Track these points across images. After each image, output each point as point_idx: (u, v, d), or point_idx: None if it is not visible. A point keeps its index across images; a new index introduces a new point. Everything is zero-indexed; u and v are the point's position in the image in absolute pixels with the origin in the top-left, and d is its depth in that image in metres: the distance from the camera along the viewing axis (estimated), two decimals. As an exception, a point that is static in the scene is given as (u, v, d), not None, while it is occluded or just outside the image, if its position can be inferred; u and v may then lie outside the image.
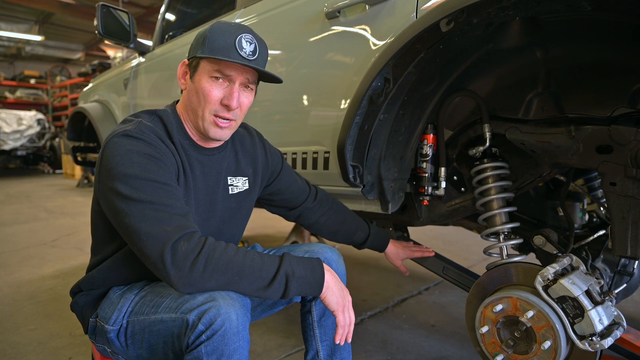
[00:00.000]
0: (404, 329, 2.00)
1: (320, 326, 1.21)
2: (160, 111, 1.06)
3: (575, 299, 0.91)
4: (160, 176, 0.91)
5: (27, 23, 12.04)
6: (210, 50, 0.96)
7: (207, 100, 1.00)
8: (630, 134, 1.05)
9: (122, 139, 0.93)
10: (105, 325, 1.00)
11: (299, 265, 0.96)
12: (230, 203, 1.16)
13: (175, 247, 0.84)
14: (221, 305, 0.86)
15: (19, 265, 3.03)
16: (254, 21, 1.68)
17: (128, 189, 0.88)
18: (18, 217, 4.85)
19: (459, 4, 1.00)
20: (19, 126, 9.31)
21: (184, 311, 0.88)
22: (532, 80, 1.21)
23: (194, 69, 1.02)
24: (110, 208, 0.91)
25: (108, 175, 0.91)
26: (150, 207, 0.87)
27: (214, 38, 0.98)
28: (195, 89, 1.01)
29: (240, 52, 0.98)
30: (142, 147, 0.93)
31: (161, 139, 0.98)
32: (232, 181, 1.16)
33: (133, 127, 0.96)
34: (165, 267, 0.84)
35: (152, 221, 0.86)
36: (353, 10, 1.29)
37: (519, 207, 1.66)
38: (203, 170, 1.08)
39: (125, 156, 0.90)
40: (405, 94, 1.25)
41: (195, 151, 1.07)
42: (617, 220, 1.08)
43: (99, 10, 2.18)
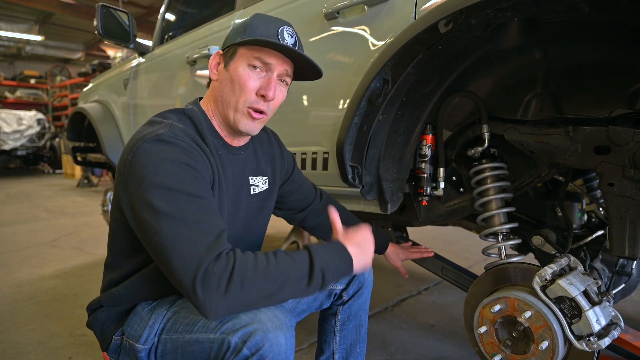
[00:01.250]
0: (403, 329, 2.00)
1: (342, 330, 1.19)
2: (188, 110, 0.99)
3: (573, 300, 0.92)
4: (194, 188, 0.83)
5: (27, 23, 12.04)
6: (252, 34, 0.93)
7: (242, 90, 0.95)
8: (628, 135, 1.05)
9: (155, 145, 0.84)
10: (135, 344, 0.93)
11: (327, 254, 0.88)
12: (253, 203, 1.11)
13: (207, 272, 0.75)
14: (269, 328, 0.79)
15: (19, 265, 3.04)
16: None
17: (161, 202, 0.79)
18: (18, 217, 4.85)
19: (457, 5, 1.00)
20: (19, 126, 9.32)
21: (226, 332, 0.81)
22: (530, 81, 1.21)
23: (229, 57, 0.98)
24: (139, 222, 0.83)
25: (138, 186, 0.82)
26: (182, 223, 0.79)
27: (256, 26, 0.94)
28: (231, 78, 0.96)
29: (282, 42, 0.94)
30: (178, 155, 0.84)
31: (195, 142, 0.91)
32: (253, 181, 1.11)
33: (166, 131, 0.88)
34: (198, 298, 0.75)
35: (185, 241, 0.78)
36: (352, 11, 1.29)
37: (518, 207, 1.67)
38: (232, 170, 1.03)
39: (159, 165, 0.82)
40: (404, 95, 1.25)
41: (226, 151, 1.02)
42: (615, 221, 1.08)
43: (99, 10, 2.18)
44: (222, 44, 1.03)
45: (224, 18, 1.90)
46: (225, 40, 1.01)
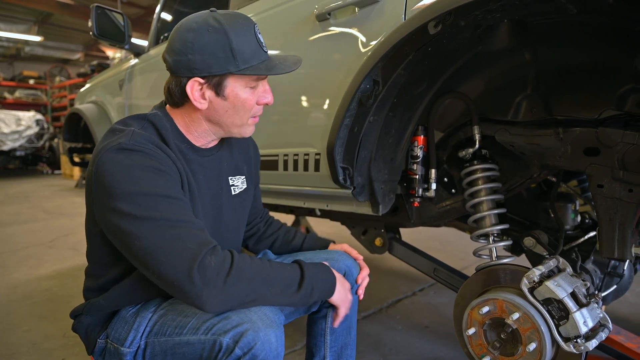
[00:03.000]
0: (397, 330, 2.00)
1: (332, 333, 1.19)
2: (151, 115, 0.96)
3: (560, 301, 0.92)
4: (169, 190, 0.84)
5: (26, 23, 12.04)
6: (244, 61, 0.90)
7: (247, 110, 0.97)
8: (617, 136, 1.05)
9: (117, 154, 0.83)
10: (120, 347, 0.92)
11: (315, 269, 0.95)
12: (235, 204, 1.11)
13: (204, 263, 0.77)
14: (259, 326, 0.80)
15: (16, 266, 3.04)
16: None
17: (135, 207, 0.79)
18: (17, 217, 4.85)
19: (446, 6, 1.00)
20: (18, 127, 9.30)
21: (217, 332, 0.81)
22: (521, 82, 1.21)
23: (218, 85, 0.92)
24: (116, 233, 0.82)
25: (108, 196, 0.81)
26: (165, 224, 0.79)
27: (241, 47, 0.90)
28: (232, 105, 0.95)
29: (263, 49, 0.95)
30: (143, 160, 0.84)
31: (159, 147, 0.89)
32: (233, 181, 1.11)
33: (127, 139, 0.86)
34: (196, 288, 0.76)
35: (171, 240, 0.79)
36: (343, 13, 1.29)
37: (512, 208, 1.67)
38: (205, 173, 1.02)
39: (126, 173, 0.81)
40: (394, 96, 1.25)
41: (194, 154, 1.00)
42: (605, 222, 1.09)
43: (94, 11, 2.18)
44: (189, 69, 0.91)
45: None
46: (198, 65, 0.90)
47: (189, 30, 0.90)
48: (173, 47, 0.91)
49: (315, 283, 0.92)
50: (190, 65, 0.90)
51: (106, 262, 0.97)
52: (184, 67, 0.91)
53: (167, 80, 0.97)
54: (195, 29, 0.89)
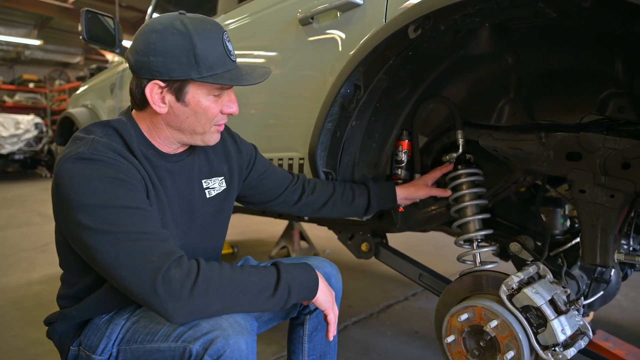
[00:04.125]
0: (387, 336, 1.99)
1: (310, 340, 1.17)
2: (115, 122, 0.93)
3: (539, 309, 0.90)
4: (130, 200, 0.82)
5: (26, 27, 12.08)
6: (208, 68, 0.88)
7: (209, 117, 0.94)
8: (598, 141, 1.04)
9: (76, 164, 0.81)
10: (91, 355, 0.91)
11: (294, 270, 0.92)
12: (210, 207, 1.08)
13: (167, 276, 0.76)
14: (229, 334, 0.79)
15: (8, 270, 3.03)
16: (234, 26, 1.67)
17: (94, 220, 0.78)
18: (12, 221, 4.84)
19: (425, 9, 0.99)
20: (17, 130, 9.32)
21: (187, 340, 0.80)
22: (503, 87, 1.20)
23: (179, 90, 0.89)
24: (79, 245, 0.82)
25: (69, 208, 0.80)
26: (126, 237, 0.78)
27: (205, 53, 0.87)
28: (193, 111, 0.92)
29: (231, 57, 0.92)
30: (103, 170, 0.82)
31: (121, 155, 0.87)
32: (207, 184, 1.07)
33: (86, 148, 0.83)
34: (161, 301, 0.75)
35: (132, 254, 0.77)
36: (326, 17, 1.29)
37: (502, 213, 1.65)
38: (173, 179, 0.99)
39: (83, 184, 0.79)
40: (377, 101, 1.24)
41: (161, 160, 0.97)
42: (587, 228, 1.07)
43: (84, 15, 2.18)
44: (149, 71, 0.88)
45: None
46: (159, 68, 0.87)
47: (153, 31, 0.87)
48: (136, 46, 0.89)
49: (293, 285, 0.89)
50: (152, 67, 0.87)
51: (77, 271, 0.96)
52: (145, 69, 0.88)
53: (130, 80, 0.95)
54: (160, 30, 0.87)
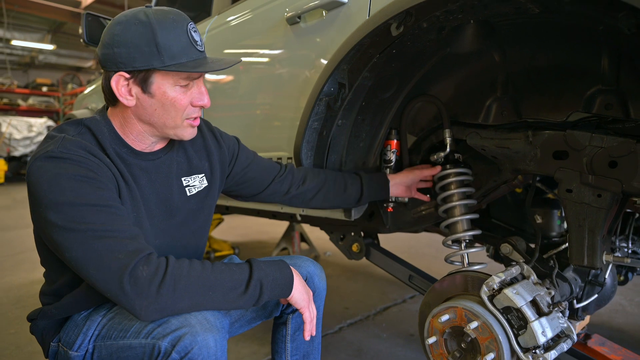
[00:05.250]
0: (381, 338, 1.97)
1: (293, 340, 1.16)
2: (88, 120, 0.93)
3: (519, 310, 0.88)
4: (98, 198, 0.82)
5: (40, 32, 12.31)
6: (171, 57, 0.86)
7: (178, 109, 0.92)
8: (585, 140, 1.02)
9: (45, 163, 0.81)
10: (68, 351, 0.92)
11: (268, 268, 0.91)
12: (191, 205, 1.06)
13: (134, 274, 0.76)
14: (197, 331, 0.79)
15: (12, 270, 3.07)
16: (226, 27, 1.68)
17: (62, 218, 0.78)
18: (20, 221, 4.92)
19: (404, 4, 0.98)
20: (29, 133, 9.50)
21: (156, 336, 0.81)
22: (491, 85, 1.18)
23: (144, 81, 0.88)
24: (50, 242, 0.83)
25: (39, 206, 0.81)
26: (93, 235, 0.78)
27: (168, 42, 0.86)
28: (160, 102, 0.90)
29: (197, 47, 0.91)
30: (71, 168, 0.82)
31: (91, 153, 0.86)
32: (187, 182, 1.06)
33: (56, 146, 0.83)
34: (128, 299, 0.76)
35: (100, 251, 0.77)
36: (312, 16, 1.28)
37: (497, 213, 1.63)
38: (149, 177, 0.98)
39: (52, 182, 0.80)
40: (363, 99, 1.23)
41: (135, 158, 0.96)
42: (574, 229, 1.05)
43: (84, 18, 2.19)
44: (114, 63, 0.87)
45: (201, 23, 1.91)
46: (122, 59, 0.86)
47: (117, 23, 0.88)
48: (102, 40, 0.89)
49: (265, 282, 0.88)
50: (116, 58, 0.87)
51: (56, 269, 0.96)
52: (110, 61, 0.87)
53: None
54: (123, 22, 0.87)
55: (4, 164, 9.35)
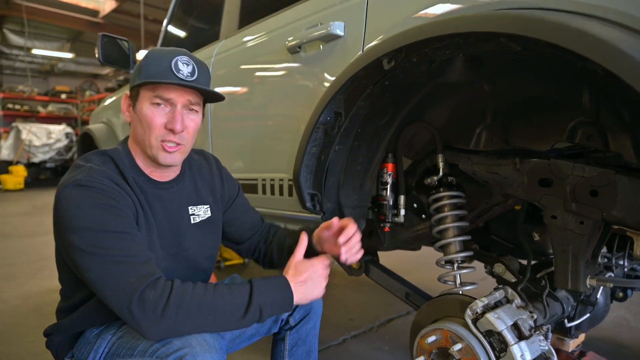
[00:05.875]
0: (384, 351, 2.01)
1: (291, 355, 1.22)
2: (111, 151, 1.04)
3: (500, 333, 0.93)
4: (117, 225, 0.91)
5: (59, 41, 12.66)
6: (146, 76, 0.97)
7: (150, 127, 0.99)
8: (567, 169, 1.06)
9: (73, 190, 0.91)
10: None
11: (268, 289, 0.95)
12: (196, 232, 1.15)
13: (142, 297, 0.84)
14: (197, 351, 0.86)
15: (30, 278, 3.19)
16: (233, 51, 1.76)
17: (84, 242, 0.87)
18: (38, 229, 5.08)
19: (395, 44, 1.04)
20: (48, 140, 9.76)
21: (160, 356, 0.88)
22: (481, 113, 1.23)
23: (135, 99, 1.02)
24: (72, 263, 0.92)
25: (65, 229, 0.90)
26: (111, 260, 0.87)
27: (149, 65, 0.98)
28: (139, 118, 1.01)
29: (177, 74, 0.97)
30: (95, 197, 0.91)
31: (115, 182, 0.96)
32: (193, 210, 1.15)
33: (82, 176, 0.93)
34: (135, 320, 0.84)
35: (115, 275, 0.86)
36: (311, 47, 1.35)
37: (497, 230, 1.67)
38: (163, 204, 1.07)
39: (78, 209, 0.89)
40: (359, 126, 1.30)
41: (151, 187, 1.06)
42: (558, 253, 1.09)
43: (100, 39, 2.32)
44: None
45: (210, 47, 2.00)
46: (130, 83, 1.07)
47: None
48: None
49: (264, 306, 0.93)
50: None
51: (72, 285, 1.05)
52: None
53: None
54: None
55: (24, 170, 9.63)
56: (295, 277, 1.00)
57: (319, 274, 1.03)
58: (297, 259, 1.05)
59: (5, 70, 13.66)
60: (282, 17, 1.55)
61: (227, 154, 1.75)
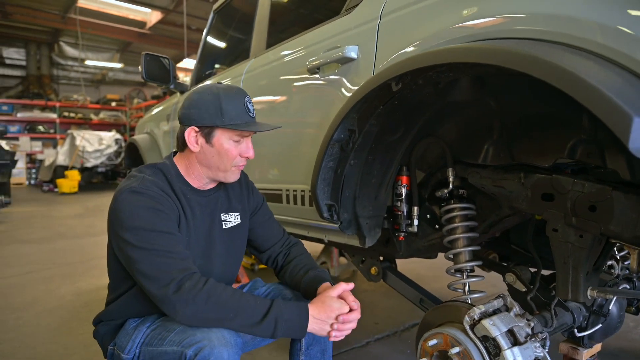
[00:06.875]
0: (405, 354, 2.08)
1: (307, 354, 1.33)
2: (161, 164, 1.23)
3: (494, 339, 1.00)
4: (163, 226, 1.08)
5: (110, 52, 13.42)
6: (230, 119, 1.15)
7: (230, 159, 1.20)
8: (568, 184, 1.11)
9: (129, 195, 1.10)
10: (121, 354, 1.15)
11: (286, 310, 1.08)
12: (225, 237, 1.31)
13: (180, 284, 1.01)
14: (215, 345, 0.99)
15: (83, 276, 3.47)
16: (260, 70, 1.90)
17: (136, 239, 1.05)
18: (90, 230, 5.46)
19: (400, 69, 1.13)
20: (100, 146, 10.37)
21: (185, 345, 1.02)
22: (488, 129, 1.29)
23: (208, 134, 1.18)
24: (123, 255, 1.09)
25: (120, 227, 1.08)
26: (155, 254, 1.04)
27: (228, 108, 1.16)
28: (217, 151, 1.19)
29: (250, 114, 1.19)
30: (146, 202, 1.09)
31: (163, 190, 1.15)
32: (225, 217, 1.33)
33: (137, 184, 1.12)
34: (170, 302, 1.00)
35: (159, 266, 1.03)
36: (329, 68, 1.46)
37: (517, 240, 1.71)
38: (202, 210, 1.25)
39: (132, 211, 1.07)
40: (372, 142, 1.39)
41: (194, 194, 1.24)
42: (559, 265, 1.14)
43: (143, 58, 2.52)
44: (191, 119, 1.17)
45: (241, 64, 2.15)
46: (195, 117, 1.17)
47: (195, 92, 1.20)
48: (183, 104, 1.21)
49: (279, 321, 1.06)
50: (190, 117, 1.18)
51: (119, 278, 1.21)
52: (186, 118, 1.19)
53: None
54: (200, 92, 1.19)
55: (78, 175, 10.29)
56: (324, 309, 1.11)
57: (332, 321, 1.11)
58: (330, 295, 1.14)
59: (61, 80, 14.61)
60: (304, 40, 1.67)
61: (255, 166, 1.89)
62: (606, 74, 0.81)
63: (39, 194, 10.32)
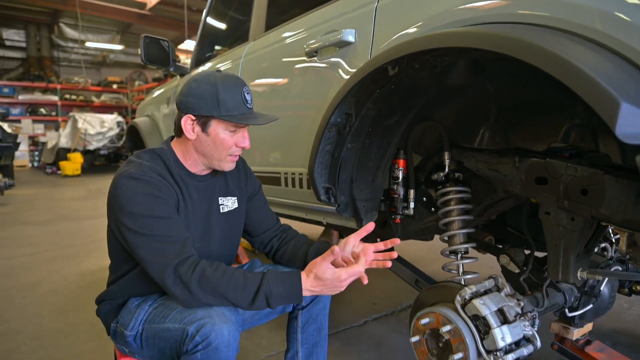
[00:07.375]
0: (402, 333, 2.13)
1: (303, 332, 1.38)
2: (159, 150, 1.25)
3: (484, 318, 1.03)
4: (161, 211, 1.11)
5: (110, 33, 13.31)
6: (226, 110, 1.15)
7: (225, 148, 1.21)
8: (561, 168, 1.13)
9: (127, 181, 1.11)
10: (124, 331, 1.20)
11: (277, 283, 1.08)
12: (222, 220, 1.34)
13: (175, 270, 1.06)
14: (216, 322, 1.03)
15: (87, 257, 3.53)
16: (259, 53, 1.90)
17: (135, 224, 1.08)
18: (94, 212, 5.52)
19: (395, 54, 1.14)
20: (102, 128, 10.38)
21: (186, 323, 1.06)
22: (485, 113, 1.30)
23: (204, 124, 1.18)
24: (123, 239, 1.12)
25: (120, 212, 1.10)
26: (154, 239, 1.08)
27: (225, 99, 1.16)
28: (213, 141, 1.20)
29: (247, 105, 1.20)
30: (144, 188, 1.11)
31: (161, 175, 1.16)
32: (222, 201, 1.35)
33: (135, 170, 1.13)
34: (169, 288, 1.06)
35: (157, 251, 1.07)
36: (326, 51, 1.47)
37: (513, 222, 1.73)
38: (199, 194, 1.28)
39: (131, 197, 1.09)
40: (368, 126, 1.40)
41: (192, 179, 1.27)
42: (551, 247, 1.17)
43: (142, 41, 2.52)
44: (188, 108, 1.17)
45: (241, 47, 2.14)
46: (193, 106, 1.16)
47: (194, 80, 1.20)
48: (181, 90, 1.21)
49: (270, 296, 1.07)
50: (188, 105, 1.18)
51: (120, 259, 1.24)
52: (183, 106, 1.19)
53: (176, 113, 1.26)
54: (198, 80, 1.19)
55: (81, 157, 10.33)
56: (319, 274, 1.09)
57: (340, 283, 1.09)
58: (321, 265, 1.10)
59: (62, 62, 14.52)
60: (302, 22, 1.66)
61: (254, 149, 1.90)
62: (598, 59, 0.81)
63: (42, 176, 10.38)
